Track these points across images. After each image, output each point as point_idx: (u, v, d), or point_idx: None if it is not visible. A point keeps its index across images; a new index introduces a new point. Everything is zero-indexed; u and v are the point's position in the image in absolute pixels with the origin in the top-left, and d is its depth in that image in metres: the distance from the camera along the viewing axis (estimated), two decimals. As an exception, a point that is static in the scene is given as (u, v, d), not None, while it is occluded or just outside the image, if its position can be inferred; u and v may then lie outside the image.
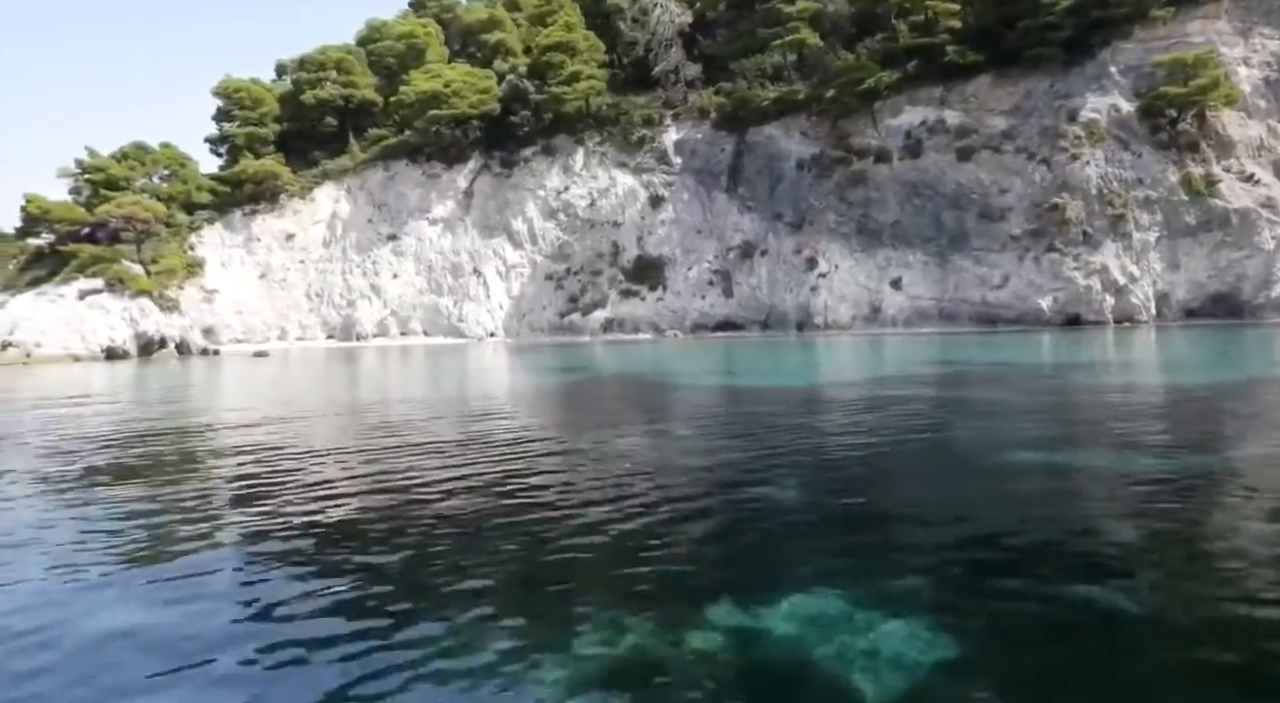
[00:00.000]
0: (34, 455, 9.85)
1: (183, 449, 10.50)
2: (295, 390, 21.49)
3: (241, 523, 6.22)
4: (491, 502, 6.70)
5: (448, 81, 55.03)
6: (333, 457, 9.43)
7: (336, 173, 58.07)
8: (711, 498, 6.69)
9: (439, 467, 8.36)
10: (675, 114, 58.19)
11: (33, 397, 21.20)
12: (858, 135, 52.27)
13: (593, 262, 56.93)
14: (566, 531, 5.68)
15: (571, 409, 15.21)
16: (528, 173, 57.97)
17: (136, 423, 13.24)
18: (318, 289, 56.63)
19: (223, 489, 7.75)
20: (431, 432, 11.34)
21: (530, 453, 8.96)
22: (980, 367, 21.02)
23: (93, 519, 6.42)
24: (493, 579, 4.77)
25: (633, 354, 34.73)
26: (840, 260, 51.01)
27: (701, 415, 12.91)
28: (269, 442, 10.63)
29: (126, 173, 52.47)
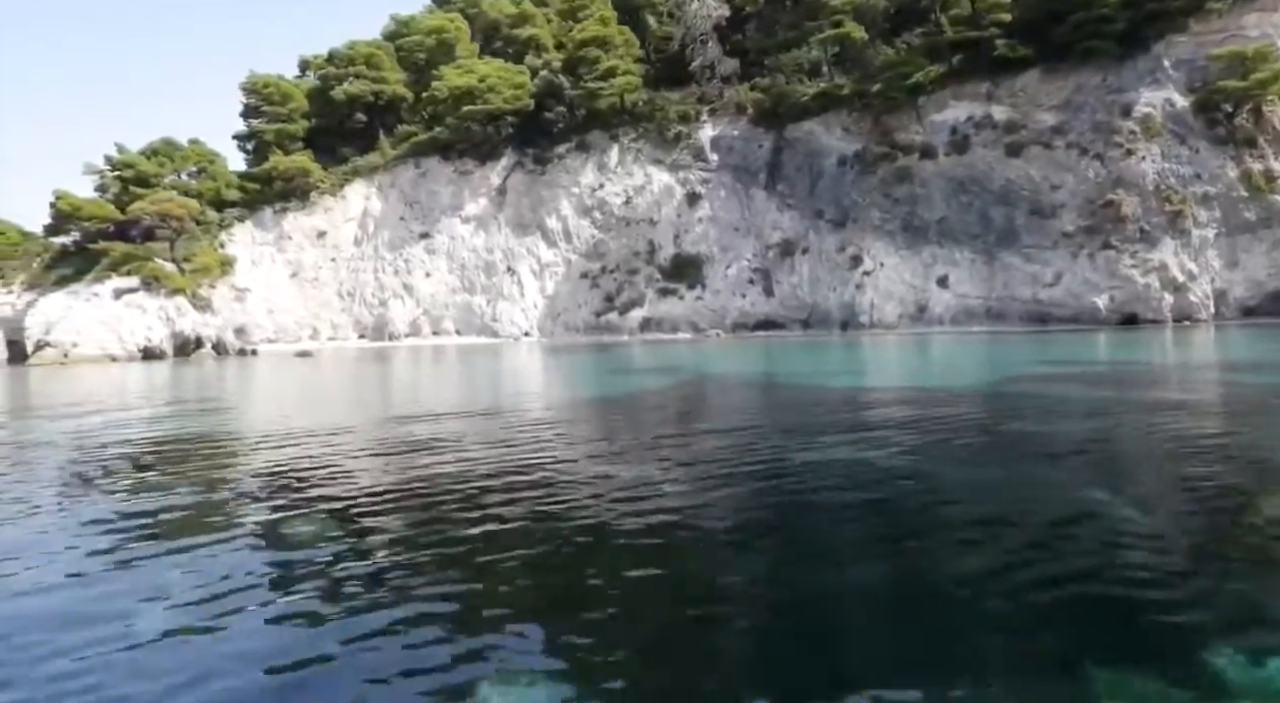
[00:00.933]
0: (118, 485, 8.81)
1: (296, 468, 9.55)
2: (371, 398, 20.50)
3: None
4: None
5: (482, 77, 54.10)
6: (480, 486, 8.36)
7: (367, 170, 57.14)
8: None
9: (648, 508, 6.44)
10: (711, 110, 57.27)
11: (90, 401, 20.23)
12: (901, 131, 51.36)
13: (628, 260, 56.01)
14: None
15: (725, 420, 13.57)
16: (562, 170, 57.03)
17: (238, 441, 12.27)
18: (349, 288, 55.69)
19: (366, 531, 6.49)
20: (601, 456, 10.30)
21: (776, 494, 7.90)
22: (1102, 367, 20.08)
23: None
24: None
25: (696, 354, 33.78)
26: (885, 258, 50.10)
27: (910, 426, 11.24)
28: (399, 469, 9.68)
29: (156, 170, 51.52)
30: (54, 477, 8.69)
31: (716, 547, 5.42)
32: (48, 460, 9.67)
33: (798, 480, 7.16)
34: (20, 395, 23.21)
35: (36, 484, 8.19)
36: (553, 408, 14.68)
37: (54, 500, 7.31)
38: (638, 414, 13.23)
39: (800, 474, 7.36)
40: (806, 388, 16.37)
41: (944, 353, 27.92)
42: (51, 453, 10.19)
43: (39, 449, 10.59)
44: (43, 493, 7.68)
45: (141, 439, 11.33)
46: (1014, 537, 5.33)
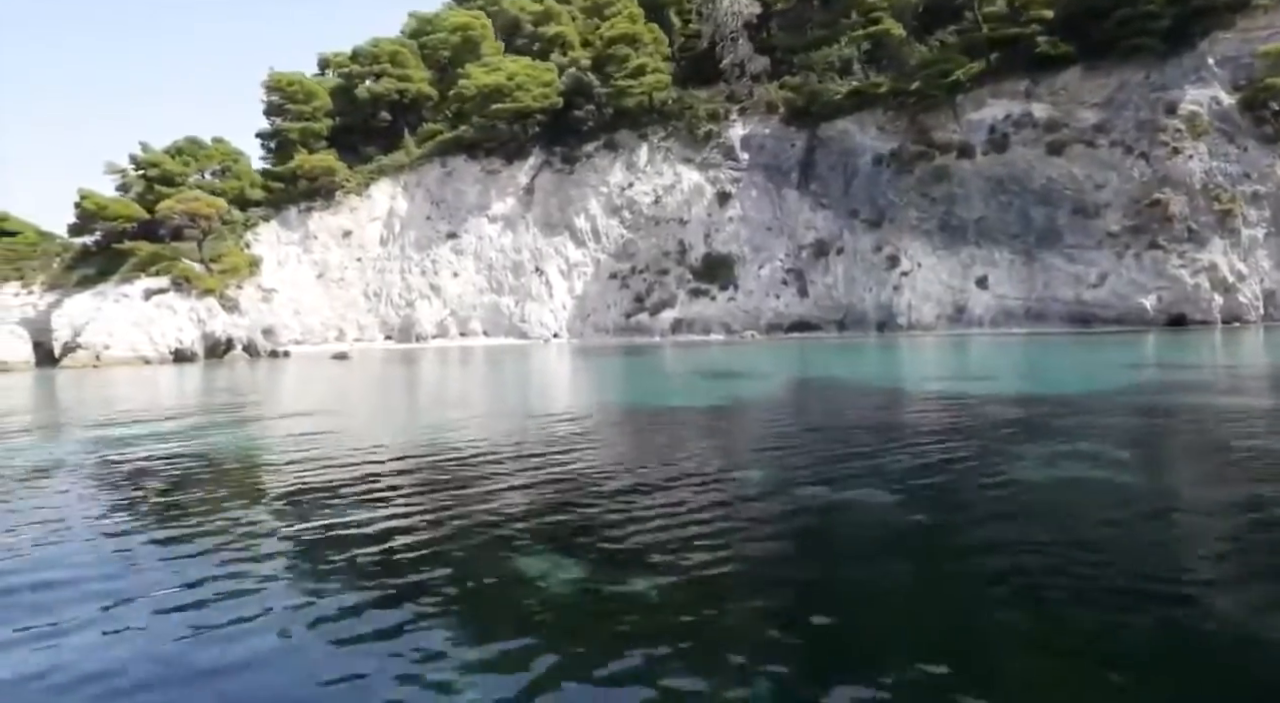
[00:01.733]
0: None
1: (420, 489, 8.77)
2: (450, 402, 19.71)
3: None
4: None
5: (510, 74, 53.34)
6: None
7: (393, 169, 56.37)
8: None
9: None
10: (741, 108, 56.54)
11: (149, 407, 19.41)
12: (938, 129, 50.67)
13: (658, 260, 55.27)
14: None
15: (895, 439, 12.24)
16: (590, 169, 56.30)
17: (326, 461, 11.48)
18: (375, 289, 54.91)
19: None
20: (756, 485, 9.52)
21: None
22: (1208, 371, 19.31)
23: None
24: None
25: (746, 356, 32.99)
26: (923, 258, 49.41)
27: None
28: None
29: (181, 169, 50.73)
30: (170, 500, 7.91)
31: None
32: (152, 479, 8.88)
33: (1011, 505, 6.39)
34: (72, 402, 22.41)
35: (143, 508, 7.39)
36: (663, 413, 13.88)
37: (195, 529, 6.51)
38: (759, 424, 12.42)
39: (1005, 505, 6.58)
40: (914, 395, 15.56)
41: (1026, 355, 27.11)
42: (153, 471, 9.40)
43: (137, 464, 9.80)
44: (153, 519, 6.88)
45: (256, 458, 10.55)
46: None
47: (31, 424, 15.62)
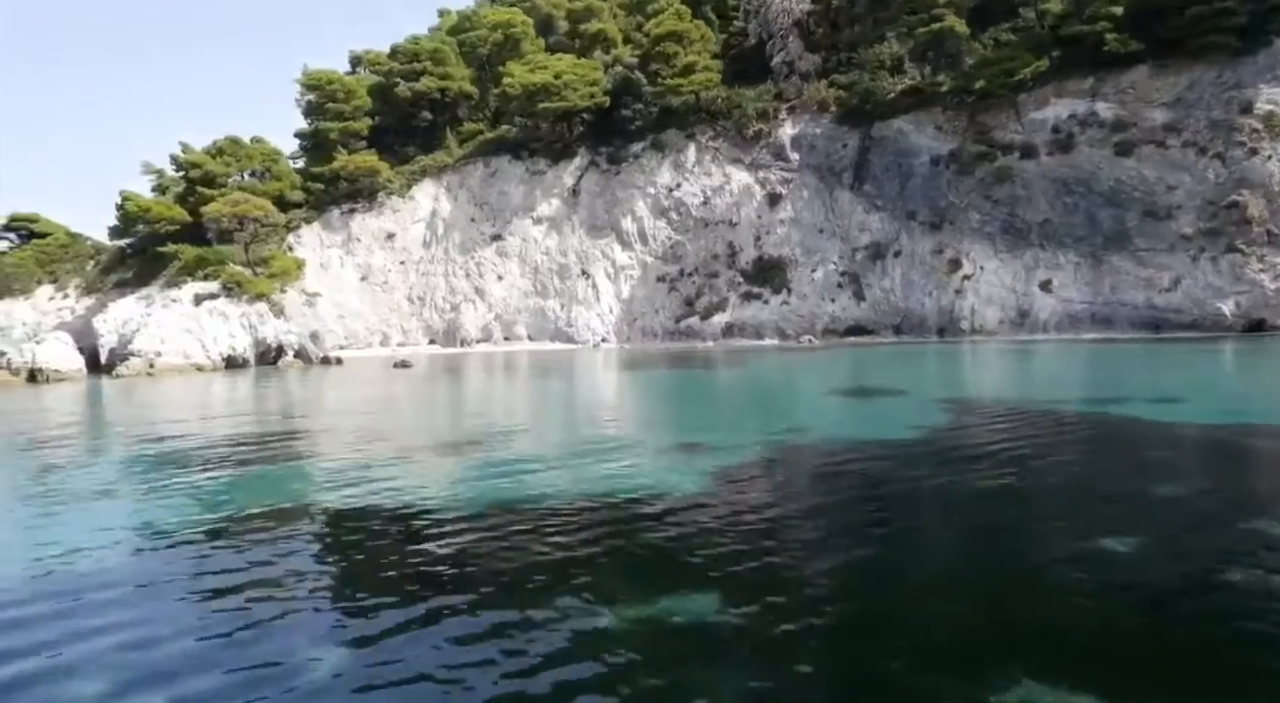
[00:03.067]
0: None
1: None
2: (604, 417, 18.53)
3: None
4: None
5: (557, 73, 52.08)
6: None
7: (435, 169, 55.15)
8: None
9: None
10: (790, 107, 55.29)
11: (255, 419, 18.19)
12: (999, 129, 49.51)
13: (707, 263, 54.07)
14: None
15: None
16: (637, 169, 55.07)
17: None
18: (420, 292, 53.70)
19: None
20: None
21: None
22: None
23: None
24: None
25: (846, 366, 31.83)
26: (985, 262, 48.23)
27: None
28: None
29: (223, 169, 49.48)
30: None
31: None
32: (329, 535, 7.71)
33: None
34: (169, 417, 21.22)
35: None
36: (874, 450, 12.64)
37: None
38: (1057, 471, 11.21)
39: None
40: (1124, 422, 14.32)
41: (1162, 364, 25.93)
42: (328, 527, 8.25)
43: (353, 521, 8.65)
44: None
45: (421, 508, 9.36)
46: None
47: (177, 457, 14.41)
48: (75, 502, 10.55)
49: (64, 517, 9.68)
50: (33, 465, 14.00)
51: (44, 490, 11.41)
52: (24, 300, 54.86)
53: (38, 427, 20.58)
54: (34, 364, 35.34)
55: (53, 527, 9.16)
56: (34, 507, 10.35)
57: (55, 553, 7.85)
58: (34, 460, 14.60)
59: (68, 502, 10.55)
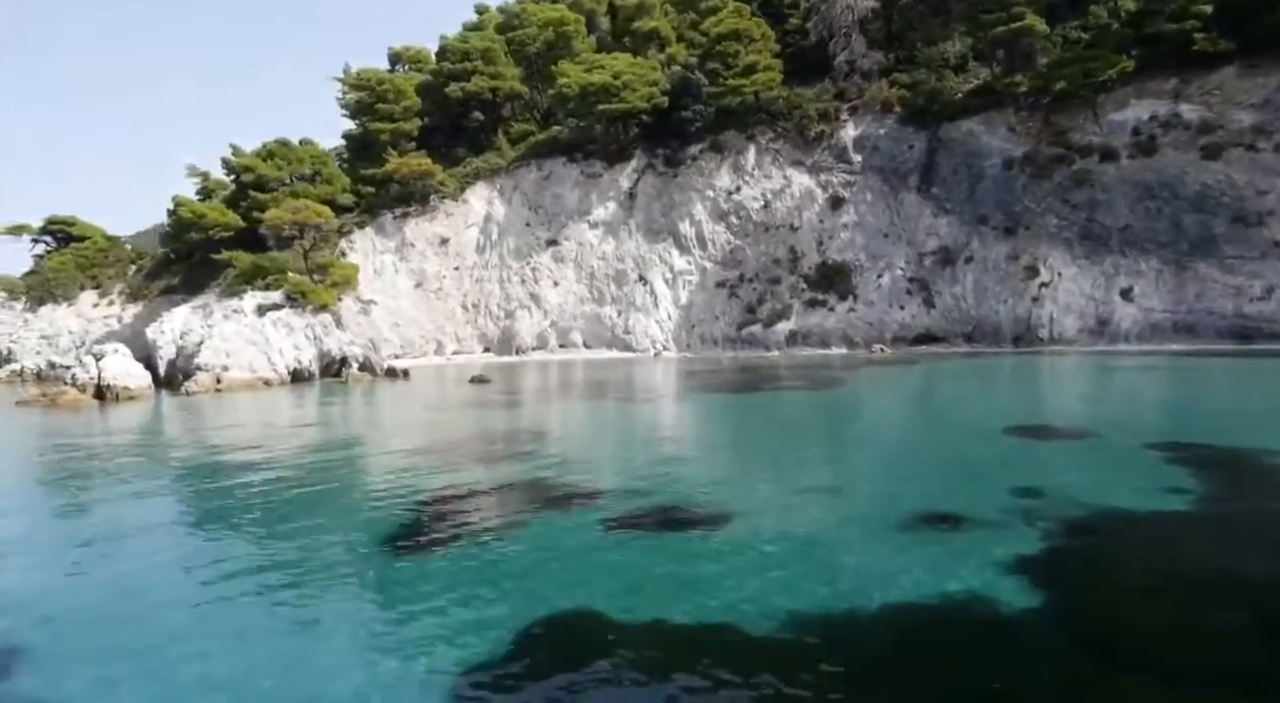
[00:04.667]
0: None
1: None
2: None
3: None
4: None
5: (615, 73, 50.56)
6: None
7: (488, 172, 53.67)
8: None
9: None
10: (852, 107, 53.77)
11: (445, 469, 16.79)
12: (1076, 131, 47.99)
13: (768, 268, 52.64)
14: None
15: None
16: (695, 172, 53.60)
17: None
18: (474, 299, 52.30)
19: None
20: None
21: None
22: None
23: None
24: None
25: (966, 383, 30.48)
26: (1063, 268, 46.77)
27: None
28: None
29: (275, 173, 48.04)
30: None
31: None
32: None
33: None
34: (282, 453, 19.88)
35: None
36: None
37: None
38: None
39: None
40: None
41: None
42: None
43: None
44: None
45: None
46: None
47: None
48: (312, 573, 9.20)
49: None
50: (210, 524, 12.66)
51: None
52: (67, 307, 53.61)
53: (169, 461, 19.22)
54: (102, 380, 33.97)
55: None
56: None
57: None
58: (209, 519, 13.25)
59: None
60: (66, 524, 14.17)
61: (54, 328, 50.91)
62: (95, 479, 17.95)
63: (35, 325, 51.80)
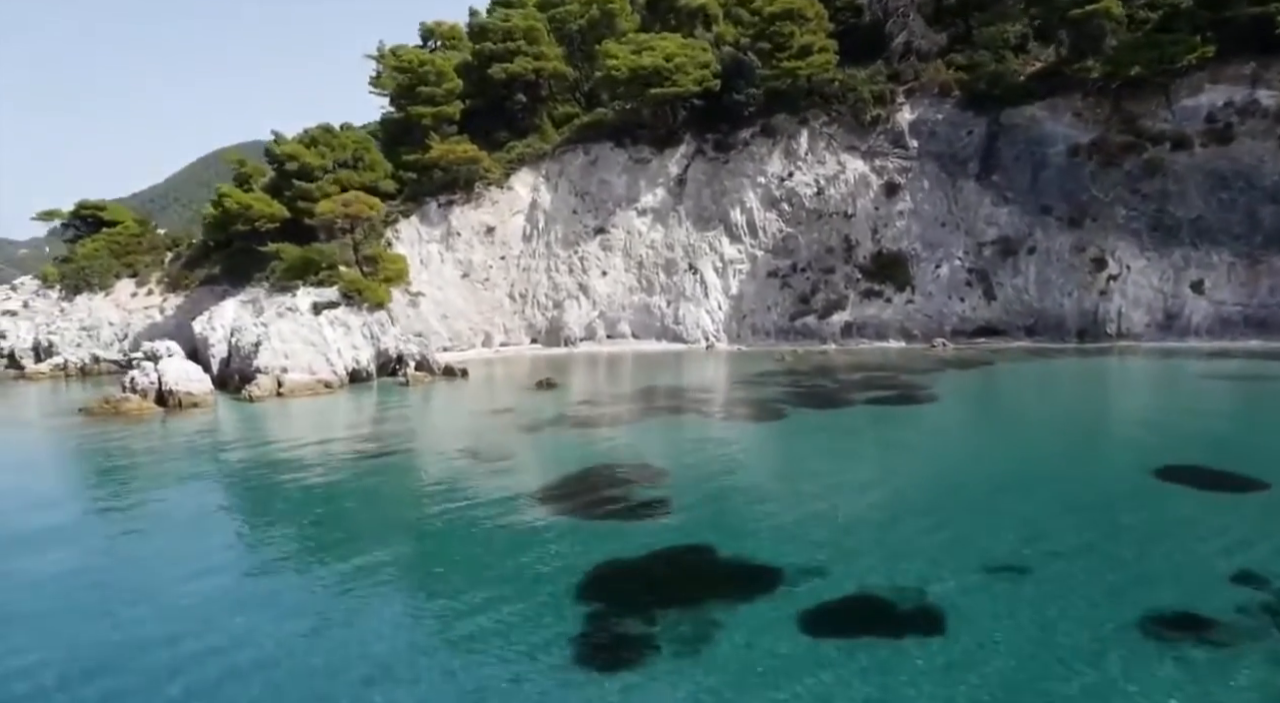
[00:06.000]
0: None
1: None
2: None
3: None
4: None
5: (667, 55, 48.86)
6: None
7: (534, 157, 52.17)
8: None
9: None
10: (908, 90, 52.06)
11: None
12: (1147, 117, 46.43)
13: (821, 257, 51.35)
14: None
15: None
16: (746, 157, 52.07)
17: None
18: (521, 289, 51.16)
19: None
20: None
21: None
22: None
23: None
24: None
25: (1059, 389, 29.47)
26: (1131, 261, 45.52)
27: None
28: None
29: (319, 160, 46.62)
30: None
31: None
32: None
33: None
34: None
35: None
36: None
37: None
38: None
39: None
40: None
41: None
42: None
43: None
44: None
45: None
46: None
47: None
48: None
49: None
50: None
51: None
52: (105, 296, 52.51)
53: (284, 501, 18.32)
54: (163, 385, 33.03)
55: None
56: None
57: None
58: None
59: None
60: (271, 581, 13.31)
61: (93, 319, 49.86)
62: (240, 528, 17.07)
63: (73, 315, 50.75)
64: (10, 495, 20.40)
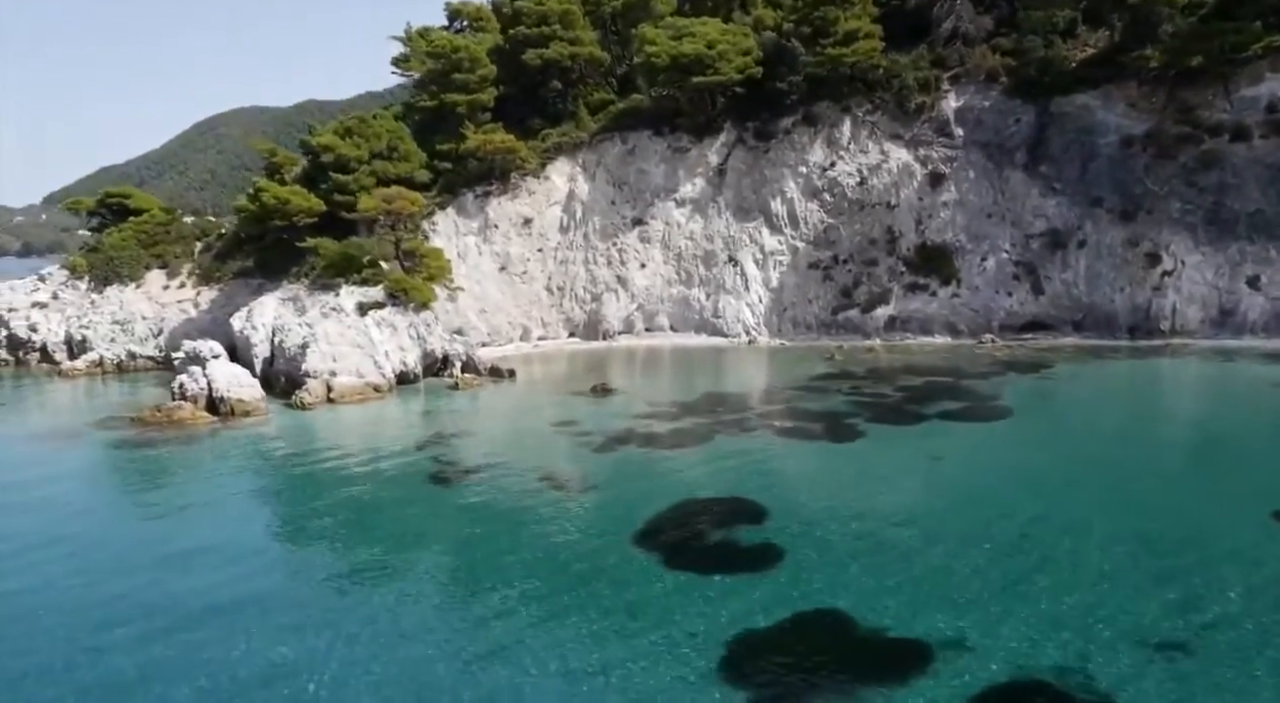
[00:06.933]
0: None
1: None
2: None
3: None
4: None
5: (710, 42, 47.54)
6: None
7: (570, 146, 51.06)
8: None
9: None
10: (953, 77, 50.72)
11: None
12: (1205, 107, 45.22)
13: (864, 249, 50.41)
14: None
15: None
16: (787, 146, 50.90)
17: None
18: (559, 282, 50.35)
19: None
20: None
21: None
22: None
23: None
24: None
25: (1157, 401, 28.79)
26: (1186, 255, 44.62)
27: None
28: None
29: (355, 152, 45.60)
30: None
31: None
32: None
33: None
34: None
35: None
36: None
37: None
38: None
39: None
40: None
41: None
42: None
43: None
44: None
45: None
46: None
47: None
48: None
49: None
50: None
51: None
52: (135, 288, 51.75)
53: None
54: (213, 392, 32.48)
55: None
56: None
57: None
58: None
59: None
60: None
61: (125, 312, 49.14)
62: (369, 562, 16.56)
63: (104, 308, 50.02)
64: (109, 537, 19.72)
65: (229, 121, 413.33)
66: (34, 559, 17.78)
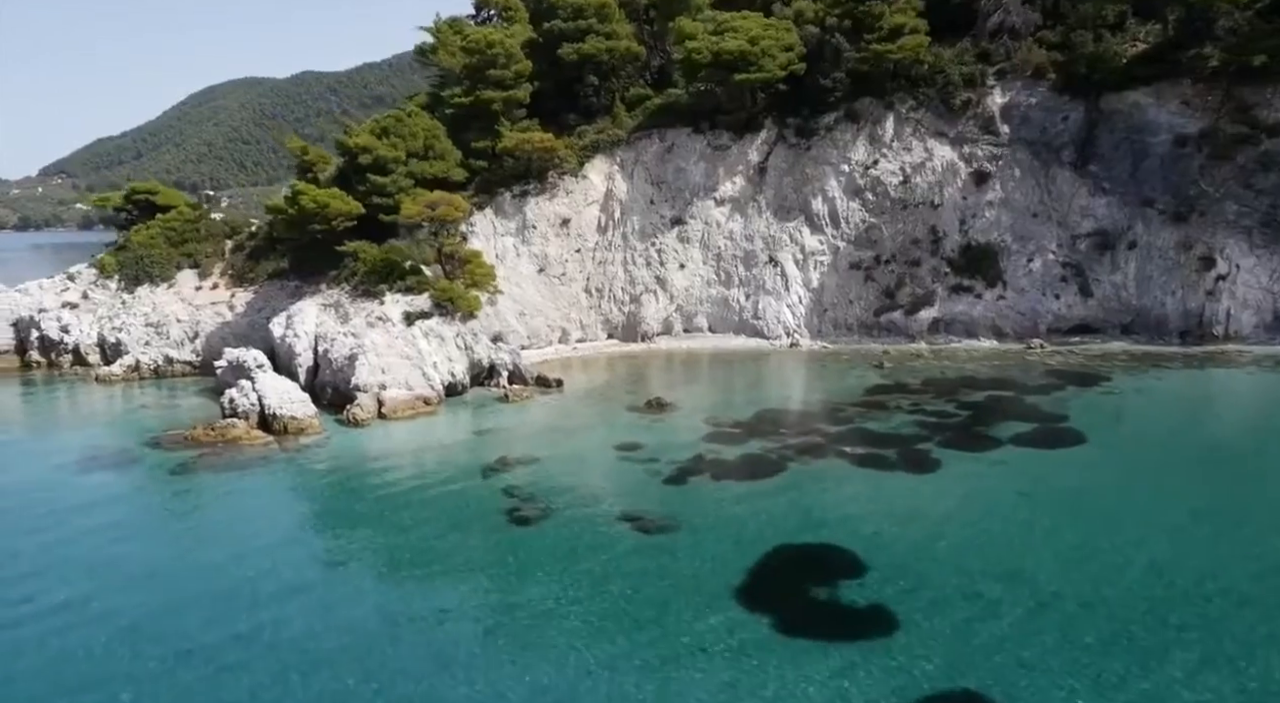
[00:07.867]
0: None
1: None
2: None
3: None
4: None
5: (751, 38, 46.45)
6: None
7: (607, 144, 50.13)
8: None
9: None
10: (999, 72, 49.59)
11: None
12: (1263, 107, 44.18)
13: (907, 249, 49.62)
14: None
15: None
16: (829, 143, 49.95)
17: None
18: (598, 283, 49.68)
19: None
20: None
21: None
22: None
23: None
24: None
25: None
26: (1241, 259, 43.79)
27: None
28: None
29: (392, 152, 44.76)
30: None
31: None
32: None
33: None
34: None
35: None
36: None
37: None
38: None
39: None
40: None
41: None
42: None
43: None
44: None
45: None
46: None
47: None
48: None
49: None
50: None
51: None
52: (166, 288, 51.19)
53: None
54: (265, 408, 32.02)
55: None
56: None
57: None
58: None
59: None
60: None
61: (158, 314, 48.54)
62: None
63: (136, 309, 49.44)
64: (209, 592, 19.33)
65: (225, 93, 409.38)
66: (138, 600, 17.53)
